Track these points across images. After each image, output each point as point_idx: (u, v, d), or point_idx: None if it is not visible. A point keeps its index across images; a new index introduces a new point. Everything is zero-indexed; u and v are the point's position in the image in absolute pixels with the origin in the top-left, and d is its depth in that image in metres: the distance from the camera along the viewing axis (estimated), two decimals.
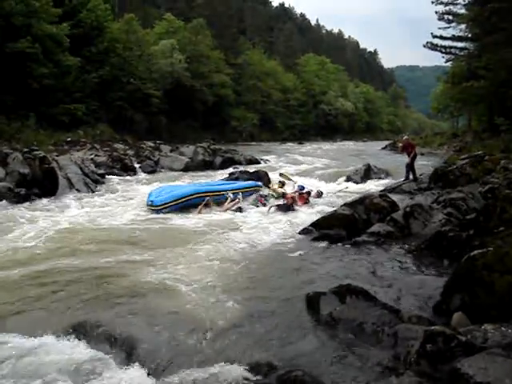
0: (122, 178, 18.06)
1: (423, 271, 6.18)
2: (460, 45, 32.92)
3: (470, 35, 31.12)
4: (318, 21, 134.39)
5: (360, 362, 3.96)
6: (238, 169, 19.49)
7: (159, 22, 52.66)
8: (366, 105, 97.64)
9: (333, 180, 17.45)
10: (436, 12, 31.34)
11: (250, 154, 26.90)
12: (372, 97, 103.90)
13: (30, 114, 25.30)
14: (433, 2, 31.14)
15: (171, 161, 22.32)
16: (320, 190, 13.67)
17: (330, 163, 25.06)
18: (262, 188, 13.70)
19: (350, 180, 16.97)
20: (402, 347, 3.92)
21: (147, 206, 11.42)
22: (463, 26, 31.10)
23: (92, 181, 15.50)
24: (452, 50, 33.19)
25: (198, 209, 11.16)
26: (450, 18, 31.13)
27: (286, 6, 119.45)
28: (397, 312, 4.59)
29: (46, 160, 14.01)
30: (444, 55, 33.73)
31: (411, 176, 14.76)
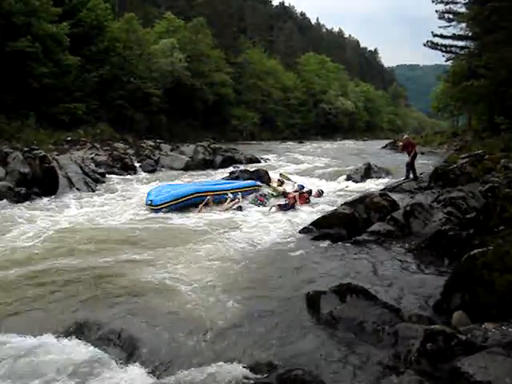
0: (122, 177, 18.07)
1: (423, 270, 6.18)
2: (460, 44, 32.92)
3: (470, 34, 31.06)
4: (318, 20, 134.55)
5: (360, 361, 3.96)
6: (238, 168, 19.48)
7: (159, 21, 52.61)
8: (367, 104, 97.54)
9: (333, 179, 17.45)
10: (436, 11, 31.32)
11: (251, 153, 26.92)
12: (372, 96, 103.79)
13: (30, 113, 25.28)
14: (433, 1, 31.07)
15: (171, 160, 22.32)
16: (320, 189, 13.67)
17: (331, 162, 25.06)
18: (261, 187, 13.71)
19: (350, 179, 16.96)
20: (402, 346, 3.92)
21: (146, 206, 11.45)
22: (463, 25, 31.04)
23: (92, 180, 15.52)
24: (452, 48, 33.15)
25: (199, 208, 11.20)
26: (451, 16, 31.10)
27: (286, 4, 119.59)
28: (397, 311, 4.59)
29: (47, 159, 14.02)
30: (444, 54, 33.70)
31: (411, 175, 14.77)
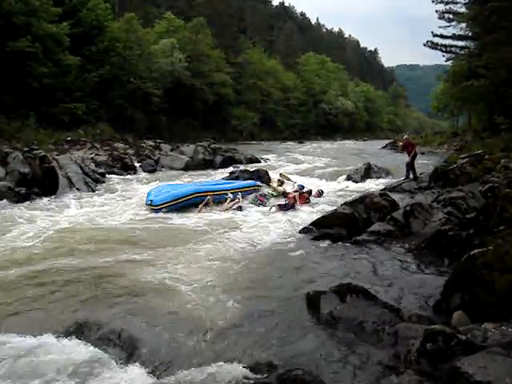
0: (122, 177, 18.08)
1: (423, 270, 6.18)
2: (460, 44, 32.95)
3: (470, 34, 31.08)
4: (318, 20, 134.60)
5: (360, 361, 3.96)
6: (238, 168, 19.48)
7: (159, 21, 52.62)
8: (367, 104, 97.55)
9: (333, 179, 17.46)
10: (436, 11, 31.34)
11: (251, 153, 26.94)
12: (372, 96, 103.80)
13: (30, 113, 25.28)
14: (433, 1, 31.08)
15: (171, 160, 22.33)
16: (320, 189, 13.66)
17: (331, 162, 25.06)
18: (261, 187, 13.70)
19: (350, 179, 16.96)
20: (402, 346, 3.92)
21: (146, 206, 11.44)
22: (463, 25, 31.06)
23: (92, 180, 15.52)
24: (452, 48, 33.17)
25: (199, 208, 11.19)
26: (451, 16, 31.11)
27: (286, 4, 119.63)
28: (397, 311, 4.59)
29: (46, 159, 14.02)
30: (444, 54, 33.73)
31: (411, 175, 14.77)
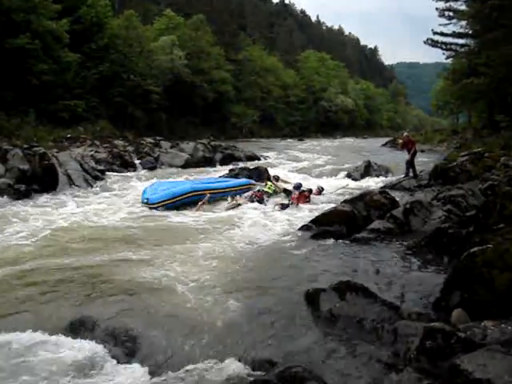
0: (122, 174, 18.06)
1: (423, 268, 6.18)
2: (460, 41, 32.86)
3: (470, 32, 31.02)
4: (318, 17, 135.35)
5: (360, 359, 3.96)
6: (237, 165, 19.46)
7: (159, 18, 52.61)
8: (366, 101, 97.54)
9: (333, 177, 17.47)
10: (437, 8, 31.27)
11: (250, 151, 26.94)
12: (372, 93, 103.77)
13: (29, 110, 25.28)
14: None
15: (171, 157, 22.33)
16: (320, 186, 13.63)
17: (330, 160, 25.06)
18: (255, 185, 13.61)
19: (350, 177, 16.96)
20: (401, 344, 3.92)
21: (142, 204, 11.32)
22: (464, 23, 31.00)
23: (92, 177, 15.50)
24: (452, 46, 33.05)
25: (197, 206, 11.13)
26: (451, 14, 31.02)
27: (287, 2, 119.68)
28: (396, 308, 4.59)
29: (46, 156, 14.01)
30: (444, 52, 33.64)
31: (411, 173, 14.77)
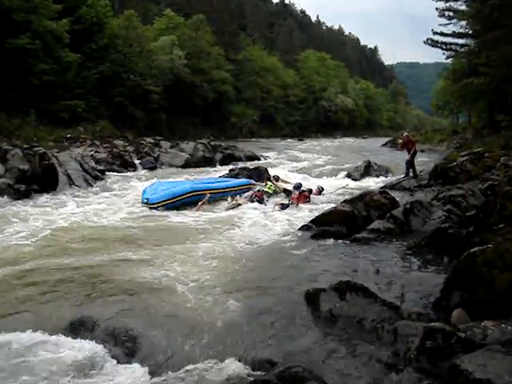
0: (122, 174, 18.06)
1: (423, 268, 6.18)
2: (460, 41, 32.83)
3: (470, 32, 31.00)
4: (318, 17, 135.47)
5: (360, 359, 3.96)
6: (237, 165, 19.46)
7: (159, 18, 52.60)
8: (366, 101, 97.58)
9: (333, 177, 17.46)
10: (437, 8, 31.26)
11: (250, 151, 26.95)
12: (372, 93, 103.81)
13: (30, 110, 25.29)
14: None
15: (171, 157, 22.35)
16: (320, 186, 13.63)
17: (330, 160, 25.06)
18: (254, 185, 13.60)
19: (350, 177, 16.96)
20: (401, 344, 3.91)
21: (142, 204, 11.30)
22: (464, 23, 30.97)
23: (92, 177, 15.50)
24: (452, 46, 33.04)
25: (197, 206, 11.13)
26: (451, 14, 30.99)
27: (287, 2, 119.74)
28: (396, 308, 4.59)
29: (46, 156, 14.00)
30: (444, 52, 33.63)
31: (411, 173, 14.76)
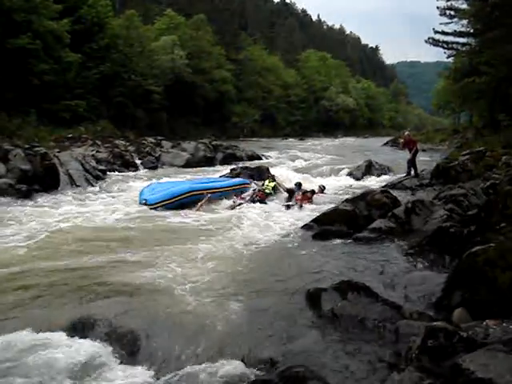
0: (123, 174, 18.07)
1: (424, 267, 6.17)
2: (462, 40, 32.72)
3: (471, 31, 30.93)
4: (319, 16, 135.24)
5: (361, 358, 3.96)
6: (238, 165, 19.45)
7: (160, 18, 52.57)
8: (368, 101, 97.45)
9: (334, 176, 17.46)
10: (438, 7, 31.18)
11: (252, 150, 26.94)
12: (373, 93, 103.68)
13: (30, 110, 25.27)
14: None
15: (172, 157, 22.37)
16: (322, 184, 13.62)
17: (332, 159, 25.03)
18: (250, 185, 13.55)
19: (351, 176, 16.97)
20: (403, 343, 3.91)
21: (140, 205, 11.22)
22: (465, 22, 30.88)
23: (93, 177, 15.52)
24: (453, 45, 32.95)
25: (197, 206, 11.12)
26: (452, 13, 30.91)
27: (287, 1, 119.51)
28: (398, 308, 4.59)
29: (47, 156, 14.03)
30: (445, 51, 33.55)
31: (413, 172, 14.76)
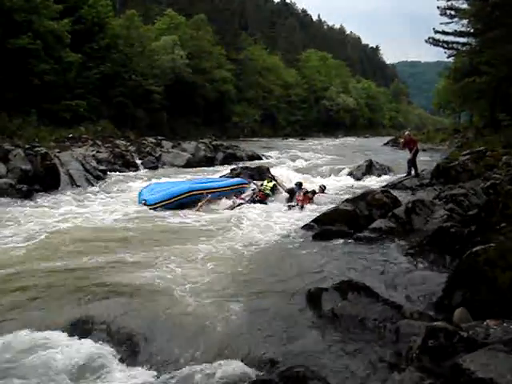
0: (123, 174, 18.07)
1: (425, 267, 6.17)
2: (462, 40, 32.70)
3: (472, 30, 30.91)
4: (319, 16, 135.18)
5: (362, 358, 3.96)
6: (239, 165, 19.46)
7: (160, 18, 52.53)
8: (368, 101, 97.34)
9: (335, 176, 17.45)
10: (438, 7, 31.17)
11: (252, 150, 26.95)
12: (374, 92, 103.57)
13: (31, 110, 25.26)
14: None
15: (173, 157, 22.38)
16: (323, 184, 13.60)
17: (332, 159, 25.02)
18: (249, 185, 13.55)
19: (351, 176, 16.97)
20: (403, 343, 3.91)
21: (140, 205, 11.22)
22: (465, 22, 30.88)
23: (94, 177, 15.53)
24: (454, 45, 32.93)
25: (197, 206, 11.11)
26: (452, 13, 30.89)
27: (288, 1, 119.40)
28: (399, 308, 4.59)
29: (48, 156, 14.04)
30: (446, 51, 33.53)
31: (413, 172, 14.75)
